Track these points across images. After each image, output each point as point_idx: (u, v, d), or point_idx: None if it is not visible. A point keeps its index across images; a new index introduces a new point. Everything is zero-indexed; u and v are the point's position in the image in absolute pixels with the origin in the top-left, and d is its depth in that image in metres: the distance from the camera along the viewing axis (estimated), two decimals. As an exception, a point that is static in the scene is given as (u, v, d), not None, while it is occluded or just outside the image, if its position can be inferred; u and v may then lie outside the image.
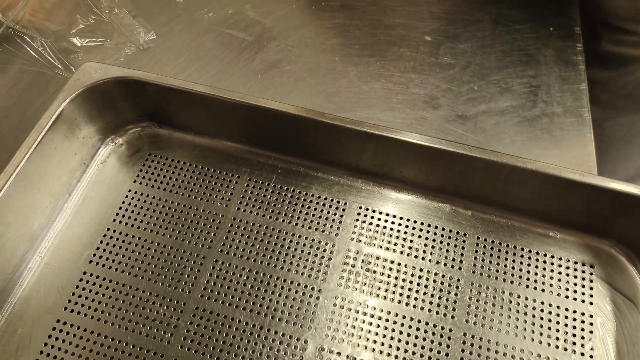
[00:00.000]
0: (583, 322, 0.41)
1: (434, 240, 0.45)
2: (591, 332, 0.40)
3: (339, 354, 0.39)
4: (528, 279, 0.43)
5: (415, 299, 0.42)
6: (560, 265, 0.43)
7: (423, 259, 0.44)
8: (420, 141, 0.43)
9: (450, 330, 0.40)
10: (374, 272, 0.43)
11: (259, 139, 0.48)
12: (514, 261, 0.44)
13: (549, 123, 0.52)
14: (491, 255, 0.44)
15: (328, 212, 0.46)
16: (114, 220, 0.45)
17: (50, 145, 0.43)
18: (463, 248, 0.44)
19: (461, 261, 0.44)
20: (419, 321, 0.41)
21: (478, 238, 0.45)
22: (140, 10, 0.62)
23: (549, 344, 0.40)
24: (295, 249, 0.44)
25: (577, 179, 0.41)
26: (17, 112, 0.52)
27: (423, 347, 0.40)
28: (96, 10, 0.61)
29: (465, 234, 0.45)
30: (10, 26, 0.55)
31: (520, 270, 0.43)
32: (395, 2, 0.63)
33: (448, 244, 0.44)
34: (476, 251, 0.44)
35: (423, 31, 0.60)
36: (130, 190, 0.46)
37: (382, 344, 0.40)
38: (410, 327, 0.40)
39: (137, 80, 0.45)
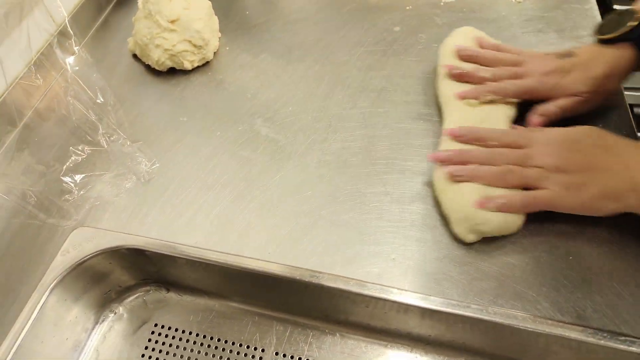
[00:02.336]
0: None
1: None
2: None
3: None
4: None
5: None
6: None
7: None
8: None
9: None
10: None
11: (284, 302, 0.40)
12: None
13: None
14: None
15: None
16: None
17: (35, 341, 0.35)
18: None
19: None
20: None
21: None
22: (141, 133, 0.55)
23: None
24: None
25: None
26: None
27: None
28: (91, 139, 0.54)
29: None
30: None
31: None
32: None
33: None
34: None
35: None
36: (132, 383, 0.39)
37: None
38: None
39: (134, 249, 0.38)
